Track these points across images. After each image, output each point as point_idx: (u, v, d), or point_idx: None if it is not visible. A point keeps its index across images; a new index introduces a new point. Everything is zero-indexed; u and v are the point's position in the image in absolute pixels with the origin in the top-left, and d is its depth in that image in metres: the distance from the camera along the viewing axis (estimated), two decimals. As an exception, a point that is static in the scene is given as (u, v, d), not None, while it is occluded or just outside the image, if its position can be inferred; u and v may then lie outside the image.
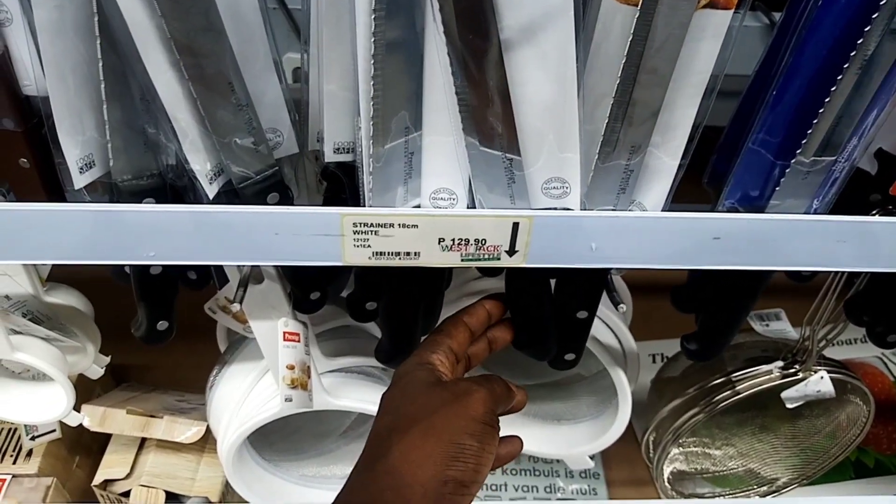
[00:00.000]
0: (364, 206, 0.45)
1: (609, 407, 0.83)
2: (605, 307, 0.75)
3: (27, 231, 0.43)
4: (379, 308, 0.56)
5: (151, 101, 0.42)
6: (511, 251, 0.46)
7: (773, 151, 0.47)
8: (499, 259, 0.46)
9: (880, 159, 0.57)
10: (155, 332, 0.55)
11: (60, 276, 0.64)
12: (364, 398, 0.67)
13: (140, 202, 0.47)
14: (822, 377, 0.73)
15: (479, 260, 0.46)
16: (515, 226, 0.45)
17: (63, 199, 0.47)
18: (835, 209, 0.49)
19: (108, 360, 0.68)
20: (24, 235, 0.43)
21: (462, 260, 0.46)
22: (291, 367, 0.56)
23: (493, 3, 0.38)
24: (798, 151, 0.45)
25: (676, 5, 0.38)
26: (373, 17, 0.38)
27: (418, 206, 0.46)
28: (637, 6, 0.38)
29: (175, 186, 0.48)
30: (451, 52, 0.39)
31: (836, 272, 0.65)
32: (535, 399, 0.92)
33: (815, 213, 0.49)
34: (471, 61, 0.39)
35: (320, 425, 0.84)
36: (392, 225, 0.44)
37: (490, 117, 0.41)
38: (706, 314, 0.59)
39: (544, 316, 0.57)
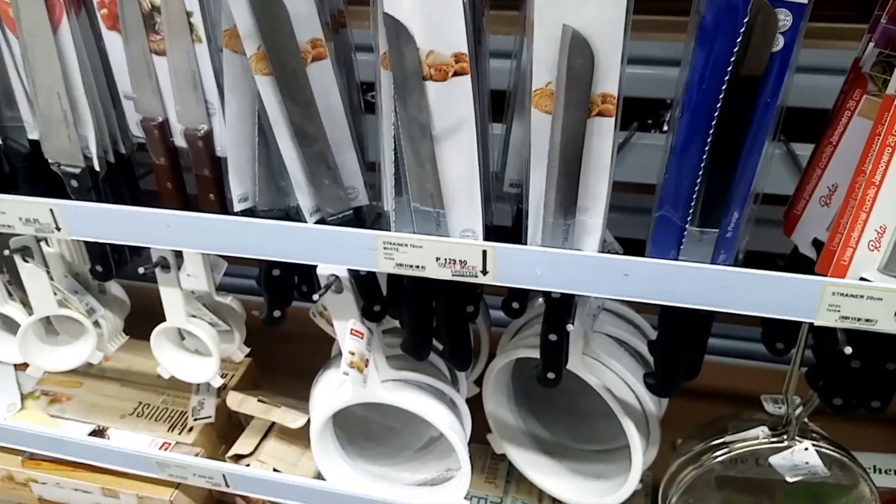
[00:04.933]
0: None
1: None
2: (633, 376, 0.92)
3: (211, 232, 0.74)
4: (402, 311, 0.81)
5: (280, 163, 0.73)
6: (484, 271, 0.69)
7: (678, 218, 0.66)
8: (476, 277, 0.69)
9: (817, 247, 0.73)
10: (272, 318, 0.84)
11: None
12: (413, 402, 0.89)
13: (270, 225, 0.77)
14: (806, 448, 0.83)
15: (464, 276, 0.70)
16: (485, 252, 0.68)
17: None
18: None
19: (248, 350, 0.98)
20: (210, 235, 0.74)
21: (453, 275, 0.70)
22: (352, 353, 0.81)
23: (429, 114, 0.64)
24: (688, 220, 0.65)
25: (570, 115, 0.61)
26: (392, 114, 0.66)
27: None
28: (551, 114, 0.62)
29: (291, 216, 0.78)
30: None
31: (800, 345, 0.78)
32: (585, 460, 1.08)
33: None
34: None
35: (397, 441, 1.07)
36: (406, 245, 0.70)
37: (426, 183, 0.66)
38: (659, 355, 0.76)
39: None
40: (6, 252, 0.86)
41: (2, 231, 0.82)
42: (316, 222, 0.75)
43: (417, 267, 0.71)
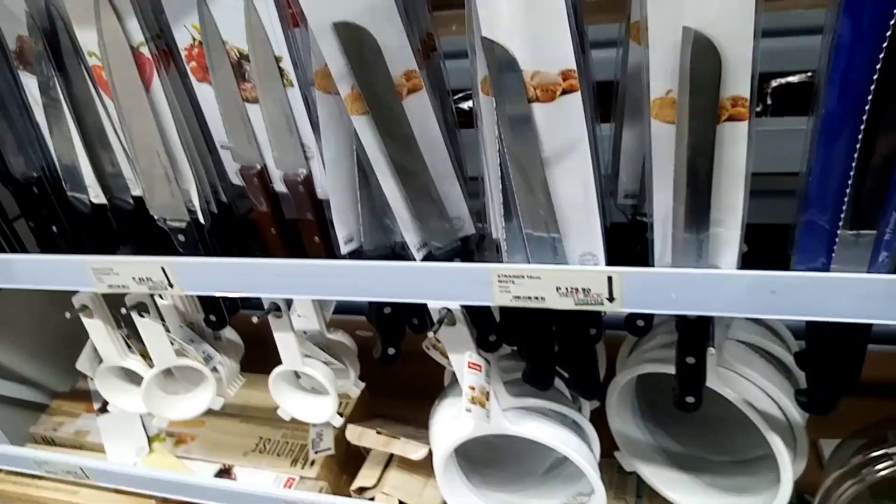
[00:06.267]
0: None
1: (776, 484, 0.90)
2: (774, 385, 0.85)
3: (323, 278, 0.72)
4: (520, 341, 0.77)
5: (383, 201, 0.70)
6: (611, 298, 0.64)
7: (827, 223, 0.59)
8: (602, 304, 0.64)
9: None
10: (386, 355, 0.81)
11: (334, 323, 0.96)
12: (539, 432, 0.85)
13: (377, 264, 0.74)
14: None
15: (588, 304, 0.65)
16: (610, 278, 0.63)
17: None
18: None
19: (363, 385, 0.96)
20: (321, 281, 0.72)
21: (576, 304, 0.65)
22: (472, 388, 0.77)
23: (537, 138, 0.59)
24: (840, 225, 0.57)
25: (697, 123, 0.55)
26: (497, 141, 0.61)
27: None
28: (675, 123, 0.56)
29: (396, 253, 0.75)
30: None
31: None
32: (721, 472, 1.01)
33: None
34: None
35: (521, 465, 1.03)
36: (523, 276, 0.65)
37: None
38: (812, 371, 0.69)
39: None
40: (123, 311, 0.88)
41: (117, 291, 0.83)
42: (424, 257, 0.72)
43: (536, 298, 0.66)
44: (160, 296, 0.92)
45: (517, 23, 0.55)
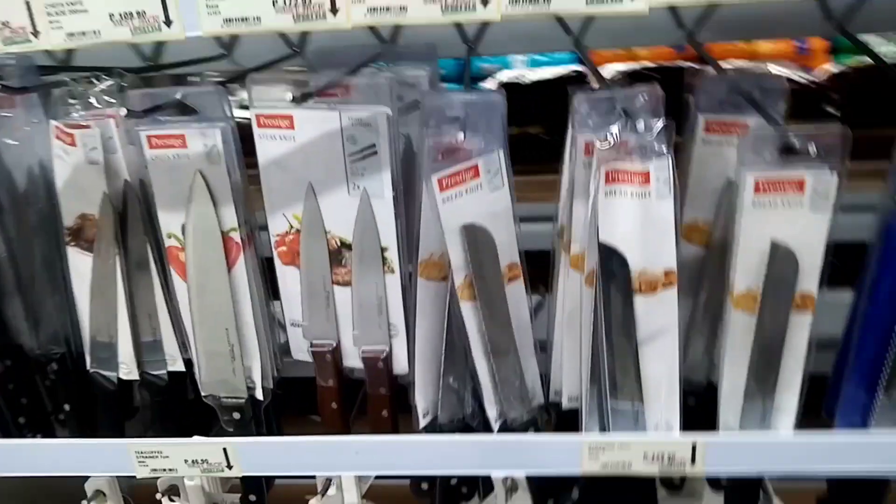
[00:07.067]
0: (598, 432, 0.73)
1: None
2: None
3: (407, 453, 0.74)
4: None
5: (468, 377, 0.74)
6: (693, 461, 0.72)
7: (864, 389, 0.71)
8: (684, 468, 0.72)
9: None
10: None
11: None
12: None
13: (452, 436, 0.78)
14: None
15: (672, 470, 0.72)
16: (694, 445, 0.71)
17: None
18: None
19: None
20: (404, 456, 0.74)
21: (660, 470, 0.72)
22: (538, 555, 0.80)
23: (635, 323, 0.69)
24: (877, 393, 0.70)
25: (775, 314, 0.67)
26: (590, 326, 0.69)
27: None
28: (754, 313, 0.67)
29: (467, 424, 0.78)
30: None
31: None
32: None
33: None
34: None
35: None
36: (613, 445, 0.72)
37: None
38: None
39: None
40: (158, 496, 0.83)
41: (161, 476, 0.79)
42: (500, 428, 0.77)
43: (624, 465, 0.72)
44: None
45: (632, 230, 0.65)
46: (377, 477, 0.90)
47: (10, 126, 0.79)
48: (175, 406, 0.86)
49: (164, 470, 0.78)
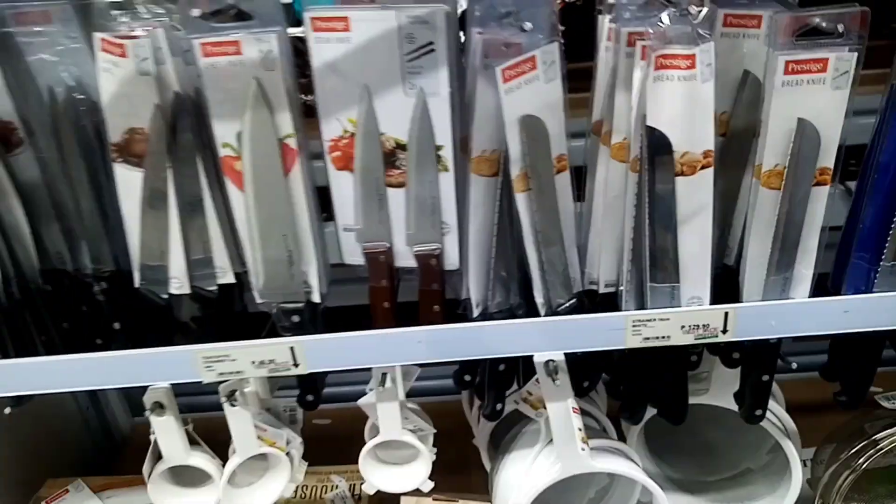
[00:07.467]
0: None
1: (780, 485, 1.09)
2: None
3: (470, 340, 0.79)
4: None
5: (516, 267, 0.80)
6: (724, 331, 0.79)
7: (867, 261, 0.80)
8: (717, 336, 0.80)
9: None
10: (495, 411, 0.89)
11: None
12: (617, 465, 0.96)
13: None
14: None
15: (706, 338, 0.80)
16: (726, 314, 0.79)
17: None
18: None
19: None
20: (468, 343, 0.79)
21: (695, 339, 0.80)
22: (580, 430, 0.87)
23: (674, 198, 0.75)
24: (882, 259, 0.79)
25: (799, 188, 0.74)
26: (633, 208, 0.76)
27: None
28: (780, 189, 0.75)
29: (514, 312, 0.84)
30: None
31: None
32: (722, 489, 1.19)
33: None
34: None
35: (566, 498, 1.12)
36: (654, 319, 0.79)
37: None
38: (845, 374, 0.90)
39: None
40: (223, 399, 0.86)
41: (229, 378, 0.82)
42: (546, 313, 0.83)
43: (663, 338, 0.80)
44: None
45: (677, 114, 0.71)
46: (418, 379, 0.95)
47: (46, 42, 0.78)
48: (225, 317, 0.88)
49: (231, 374, 0.82)
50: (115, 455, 1.49)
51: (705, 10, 0.68)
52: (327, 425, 1.37)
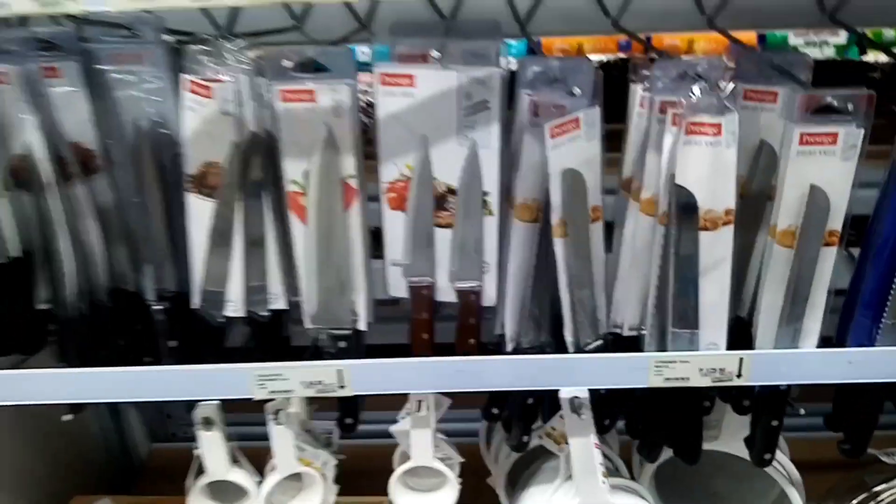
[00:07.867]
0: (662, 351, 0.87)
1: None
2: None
3: (507, 372, 0.86)
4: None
5: (549, 306, 0.87)
6: (739, 375, 0.86)
7: (870, 318, 0.88)
8: (731, 380, 0.86)
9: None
10: (522, 443, 0.95)
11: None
12: (630, 500, 1.02)
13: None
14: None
15: (722, 381, 0.87)
16: (741, 360, 0.86)
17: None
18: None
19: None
20: (504, 375, 0.86)
21: (712, 381, 0.87)
22: (601, 464, 0.93)
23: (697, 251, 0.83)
24: (883, 317, 0.86)
25: (810, 247, 0.82)
26: (659, 258, 0.83)
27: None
28: (793, 248, 0.83)
29: (543, 348, 0.91)
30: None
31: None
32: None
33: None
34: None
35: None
36: (675, 361, 0.86)
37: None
38: (848, 424, 0.96)
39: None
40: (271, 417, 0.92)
41: (279, 396, 0.89)
42: (574, 351, 0.90)
43: (682, 379, 0.87)
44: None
45: (703, 175, 0.79)
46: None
47: (134, 81, 0.87)
48: (273, 341, 0.95)
49: (282, 392, 0.88)
50: (134, 478, 1.53)
51: (731, 85, 0.77)
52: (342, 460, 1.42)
